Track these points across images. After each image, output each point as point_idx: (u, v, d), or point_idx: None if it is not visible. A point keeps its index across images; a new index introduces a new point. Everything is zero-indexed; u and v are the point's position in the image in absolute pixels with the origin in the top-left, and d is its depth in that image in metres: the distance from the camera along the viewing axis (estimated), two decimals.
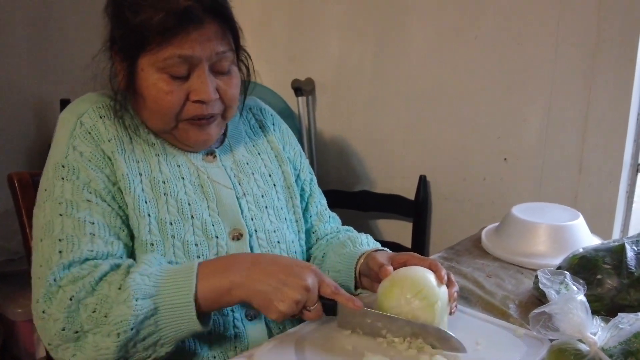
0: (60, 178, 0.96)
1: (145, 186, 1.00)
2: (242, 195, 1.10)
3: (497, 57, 1.93)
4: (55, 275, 0.88)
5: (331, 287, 0.91)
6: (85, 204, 0.94)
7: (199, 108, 0.99)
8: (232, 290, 0.88)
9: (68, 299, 0.85)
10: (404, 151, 2.25)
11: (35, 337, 1.87)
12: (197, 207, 1.03)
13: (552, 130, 1.84)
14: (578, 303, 0.81)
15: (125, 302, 0.83)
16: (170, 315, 0.86)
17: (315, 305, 0.90)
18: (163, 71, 0.96)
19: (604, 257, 1.03)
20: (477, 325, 0.98)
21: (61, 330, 0.85)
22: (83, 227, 0.92)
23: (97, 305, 0.85)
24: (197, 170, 1.07)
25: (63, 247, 0.90)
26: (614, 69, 1.68)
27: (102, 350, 0.84)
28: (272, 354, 0.86)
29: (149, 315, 0.85)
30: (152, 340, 0.86)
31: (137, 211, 0.98)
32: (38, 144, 2.28)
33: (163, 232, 0.99)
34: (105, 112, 1.03)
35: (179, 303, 0.86)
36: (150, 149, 1.04)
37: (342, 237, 1.22)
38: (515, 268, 1.26)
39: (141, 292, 0.85)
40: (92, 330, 0.85)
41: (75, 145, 0.98)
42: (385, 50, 2.24)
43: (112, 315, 0.83)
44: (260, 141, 1.21)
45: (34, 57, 2.24)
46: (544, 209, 1.38)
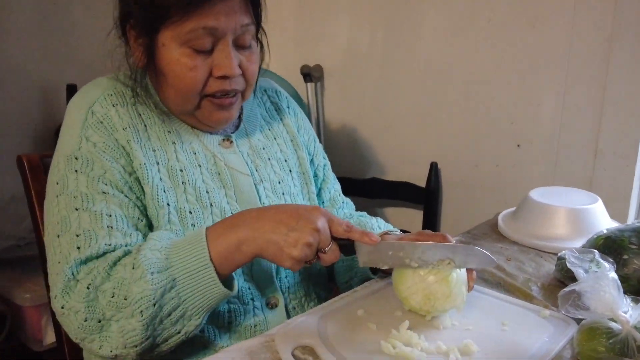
0: (74, 171, 0.93)
1: (163, 175, 0.97)
2: (259, 181, 1.08)
3: (511, 41, 1.90)
4: (73, 270, 0.86)
5: (342, 225, 0.87)
6: (101, 196, 0.92)
7: (223, 84, 0.96)
8: (241, 245, 0.85)
9: (85, 288, 0.84)
10: (415, 138, 2.23)
11: (43, 323, 1.86)
12: (216, 195, 1.01)
13: (567, 115, 1.82)
14: (610, 281, 0.79)
15: (141, 278, 0.82)
16: (190, 283, 0.84)
17: (330, 246, 0.86)
18: (186, 45, 0.93)
19: (629, 237, 1.01)
20: (500, 307, 0.96)
21: (84, 321, 0.83)
22: (100, 220, 0.90)
23: (114, 289, 0.83)
24: (214, 157, 1.04)
25: (81, 242, 0.88)
26: (630, 52, 1.66)
27: (129, 333, 0.82)
28: (293, 334, 0.83)
29: (168, 287, 0.83)
30: (179, 314, 0.84)
31: (156, 201, 0.95)
32: (44, 128, 2.26)
33: (183, 221, 0.96)
34: (118, 99, 0.99)
35: (196, 269, 0.84)
36: (166, 136, 1.01)
37: (354, 222, 1.21)
38: (534, 252, 1.24)
39: (154, 266, 0.83)
40: (115, 316, 0.83)
41: (88, 136, 0.95)
42: (395, 35, 2.21)
43: (131, 295, 0.82)
44: (276, 125, 1.19)
45: (41, 41, 2.22)
46: (561, 193, 1.37)
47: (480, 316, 0.91)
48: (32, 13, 2.19)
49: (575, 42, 1.76)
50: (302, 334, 0.83)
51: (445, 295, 0.87)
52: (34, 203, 1.18)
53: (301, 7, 2.51)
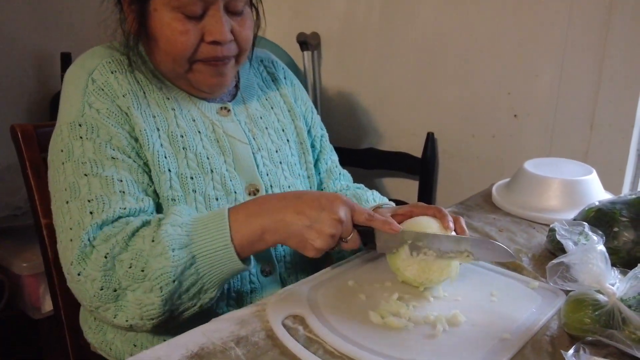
0: (79, 137, 0.92)
1: (164, 141, 0.97)
2: (257, 150, 1.08)
3: (509, 11, 1.88)
4: (89, 236, 0.85)
5: (364, 214, 0.88)
6: (110, 161, 0.91)
7: (214, 50, 0.96)
8: (265, 234, 0.86)
9: (103, 257, 0.83)
10: (411, 108, 2.22)
11: (41, 291, 1.87)
12: (216, 161, 1.01)
13: (564, 86, 1.81)
14: (598, 253, 0.80)
15: (162, 254, 0.81)
16: (210, 260, 0.84)
17: (352, 235, 0.87)
18: (177, 10, 0.92)
19: (620, 209, 1.01)
20: (490, 278, 0.97)
21: (99, 290, 0.83)
22: (112, 185, 0.89)
23: (132, 260, 0.83)
24: (212, 124, 1.04)
25: (93, 207, 0.87)
26: (629, 24, 1.64)
27: (147, 307, 0.83)
28: (284, 304, 0.85)
29: (188, 265, 0.83)
30: (196, 289, 0.85)
31: (157, 167, 0.95)
32: (39, 97, 2.25)
33: (184, 187, 0.97)
34: (116, 66, 0.99)
35: (217, 247, 0.84)
36: (165, 102, 1.01)
37: (349, 195, 1.21)
38: (527, 223, 1.25)
39: (176, 242, 0.83)
40: (131, 286, 0.83)
41: (91, 102, 0.94)
42: (392, 4, 2.18)
43: (150, 270, 0.82)
44: (273, 94, 1.18)
45: (35, 10, 2.19)
46: (556, 164, 1.36)
47: (470, 287, 0.92)
48: None
49: (574, 14, 1.74)
50: (293, 303, 0.85)
51: (441, 268, 0.88)
52: (28, 173, 1.17)
53: None
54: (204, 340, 0.77)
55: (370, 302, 0.86)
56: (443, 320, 0.80)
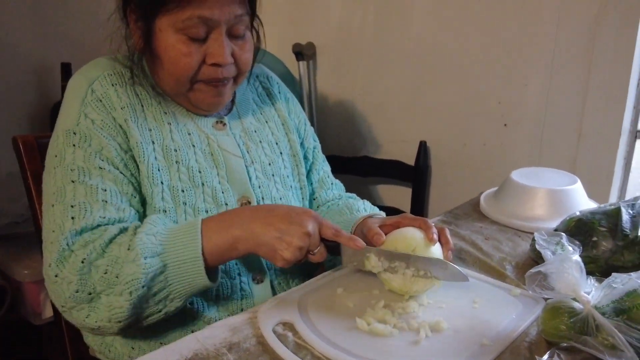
0: (72, 145, 0.97)
1: (158, 154, 1.02)
2: (250, 163, 1.12)
3: (499, 22, 1.92)
4: (68, 240, 0.89)
5: (331, 229, 0.93)
6: (97, 171, 0.96)
7: (215, 71, 1.00)
8: (236, 244, 0.91)
9: (80, 262, 0.87)
10: (405, 117, 2.26)
11: (42, 297, 1.91)
12: (208, 175, 1.05)
13: (552, 96, 1.85)
14: (573, 263, 0.84)
15: (134, 261, 0.86)
16: (179, 271, 0.89)
17: (319, 248, 0.93)
18: (181, 32, 0.97)
19: (600, 220, 1.05)
20: (474, 285, 1.00)
21: (75, 292, 0.87)
22: (95, 193, 0.94)
23: (108, 266, 0.87)
24: (208, 138, 1.08)
25: (75, 213, 0.91)
26: (615, 35, 1.68)
27: (115, 309, 0.87)
28: (275, 311, 0.88)
29: (158, 272, 0.87)
30: (163, 295, 0.89)
31: (151, 179, 0.99)
32: (40, 106, 2.28)
33: (175, 199, 1.01)
34: (117, 79, 1.03)
35: (187, 259, 0.88)
36: (162, 116, 1.05)
37: (341, 205, 1.25)
38: (513, 231, 1.28)
39: (148, 250, 0.87)
40: (105, 291, 0.87)
41: (87, 112, 0.98)
42: (386, 13, 2.22)
43: (122, 275, 0.86)
44: (268, 109, 1.23)
45: (35, 21, 2.23)
46: (542, 174, 1.40)
47: (454, 294, 0.96)
48: None
49: (562, 25, 1.78)
50: (284, 310, 0.89)
51: (426, 278, 0.92)
52: (29, 183, 1.21)
53: None
54: (197, 346, 0.80)
55: (357, 309, 0.90)
56: (426, 326, 0.84)
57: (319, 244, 0.93)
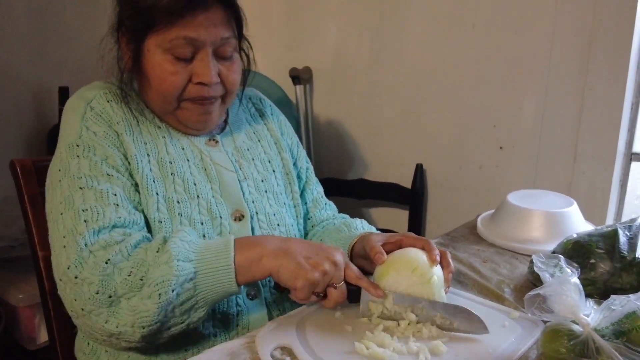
0: (76, 156, 0.98)
1: (153, 166, 1.03)
2: (243, 178, 1.13)
3: (494, 46, 1.94)
4: (86, 241, 0.89)
5: (355, 272, 0.94)
6: (105, 177, 0.97)
7: (201, 90, 1.03)
8: (262, 258, 0.90)
9: (104, 262, 0.86)
10: (401, 140, 2.27)
11: (37, 322, 1.89)
12: (202, 188, 1.06)
13: (547, 119, 1.87)
14: (572, 285, 0.83)
15: (167, 262, 0.85)
16: (209, 279, 0.88)
17: (341, 284, 0.92)
18: (168, 52, 1.00)
19: (597, 242, 1.05)
20: (473, 308, 0.99)
21: (95, 294, 0.85)
22: (106, 197, 0.94)
23: (132, 268, 0.86)
24: (201, 153, 1.10)
25: (88, 216, 0.91)
26: (609, 59, 1.70)
27: (142, 313, 0.85)
28: (273, 335, 0.88)
29: (188, 278, 0.87)
30: (189, 305, 0.89)
31: (146, 190, 1.00)
32: (37, 130, 2.29)
33: (171, 210, 1.02)
34: (112, 96, 1.06)
35: (220, 267, 0.89)
36: (157, 131, 1.08)
37: (338, 223, 1.26)
38: (510, 254, 1.28)
39: (182, 254, 0.87)
40: (126, 294, 0.86)
41: (88, 126, 1.01)
42: (382, 38, 2.25)
43: (150, 278, 0.85)
44: (260, 128, 1.24)
45: (34, 45, 2.25)
46: (538, 196, 1.40)
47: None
48: (25, 17, 2.22)
49: (556, 48, 1.81)
50: (281, 334, 0.88)
51: (428, 296, 0.92)
52: (26, 207, 1.20)
53: (290, 10, 2.54)
54: None
55: (356, 333, 0.89)
56: (426, 350, 0.84)
57: (342, 279, 0.93)
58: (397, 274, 0.94)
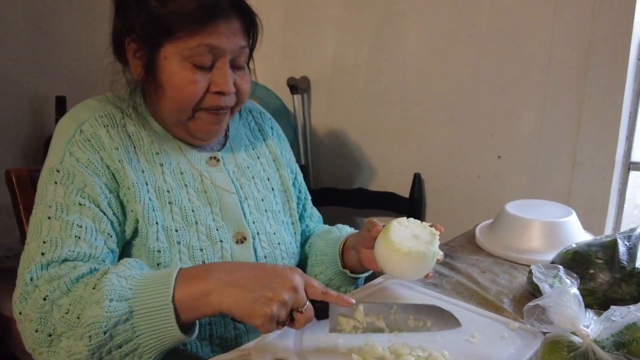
0: (54, 182, 0.95)
1: (152, 195, 1.01)
2: (244, 199, 1.12)
3: (492, 56, 1.94)
4: (32, 275, 0.85)
5: (319, 287, 0.86)
6: (76, 207, 0.94)
7: (217, 99, 1.01)
8: (208, 295, 0.82)
9: (42, 299, 0.82)
10: (399, 149, 2.27)
11: None
12: (201, 213, 1.04)
13: (545, 128, 1.86)
14: (571, 296, 0.83)
15: (98, 302, 0.80)
16: (148, 320, 0.81)
17: (307, 306, 0.84)
18: (188, 60, 0.97)
19: (596, 252, 1.04)
20: (471, 319, 0.99)
21: (34, 332, 0.82)
22: (70, 229, 0.91)
23: (70, 306, 0.81)
24: (201, 175, 1.08)
25: (46, 248, 0.88)
26: (607, 68, 1.70)
27: (74, 355, 0.80)
28: (269, 346, 0.87)
29: (123, 319, 0.80)
30: (130, 348, 0.81)
31: (147, 219, 0.98)
32: (33, 140, 2.28)
33: (169, 239, 0.99)
34: (109, 120, 1.02)
35: (156, 307, 0.81)
36: (153, 157, 1.04)
37: (326, 227, 1.29)
38: (509, 264, 1.27)
39: (116, 293, 0.81)
40: (66, 333, 0.81)
41: (72, 151, 0.97)
42: (380, 48, 2.25)
43: (84, 317, 0.80)
44: (259, 144, 1.23)
45: (31, 54, 2.25)
46: (537, 206, 1.40)
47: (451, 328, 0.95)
48: (22, 26, 2.22)
49: (554, 58, 1.81)
50: (277, 347, 0.87)
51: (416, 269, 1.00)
52: (21, 216, 1.20)
53: (288, 20, 2.54)
54: None
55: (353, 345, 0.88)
56: None
57: (305, 302, 0.84)
58: (398, 224, 1.02)
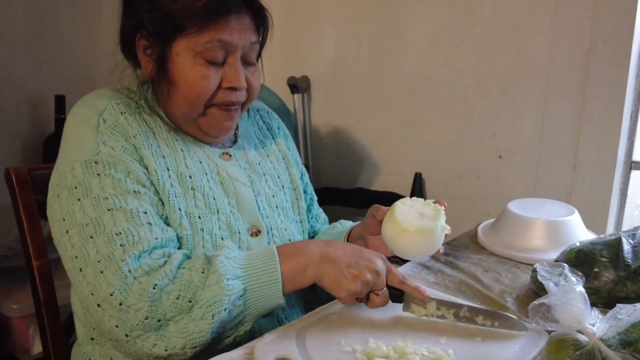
0: (96, 174, 0.93)
1: (174, 181, 1.00)
2: (257, 193, 1.12)
3: (492, 55, 1.94)
4: (130, 267, 0.87)
5: (399, 276, 0.94)
6: (131, 195, 0.93)
7: (229, 95, 1.01)
8: (307, 268, 0.91)
9: (151, 288, 0.85)
10: (400, 148, 2.26)
11: (30, 333, 1.86)
12: (221, 202, 1.04)
13: (547, 128, 1.86)
14: (577, 294, 0.82)
15: (217, 283, 0.85)
16: (259, 294, 0.89)
17: (383, 290, 0.93)
18: (200, 55, 0.97)
19: (600, 250, 1.04)
20: None
21: (144, 319, 0.85)
22: (137, 217, 0.91)
23: (180, 291, 0.86)
24: (217, 167, 1.08)
25: (123, 240, 0.88)
26: (608, 67, 1.70)
27: (193, 334, 0.85)
28: (272, 346, 0.86)
29: (239, 295, 0.87)
30: (238, 320, 0.89)
31: (169, 205, 0.98)
32: (33, 138, 2.28)
33: (193, 226, 0.99)
34: (125, 107, 1.01)
35: (267, 281, 0.89)
36: (174, 143, 1.04)
37: (331, 224, 1.31)
38: (512, 263, 1.27)
39: (230, 273, 0.87)
40: (175, 317, 0.85)
41: (105, 140, 0.96)
42: (380, 47, 2.24)
43: (203, 298, 0.85)
44: (269, 143, 1.23)
45: (30, 53, 2.24)
46: (539, 205, 1.39)
47: (455, 327, 0.94)
48: (21, 25, 2.21)
49: (555, 57, 1.80)
50: (281, 346, 0.86)
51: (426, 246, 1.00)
52: (21, 216, 1.19)
53: (288, 19, 2.54)
54: None
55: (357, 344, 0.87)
56: None
57: (384, 286, 0.93)
58: (402, 204, 1.01)
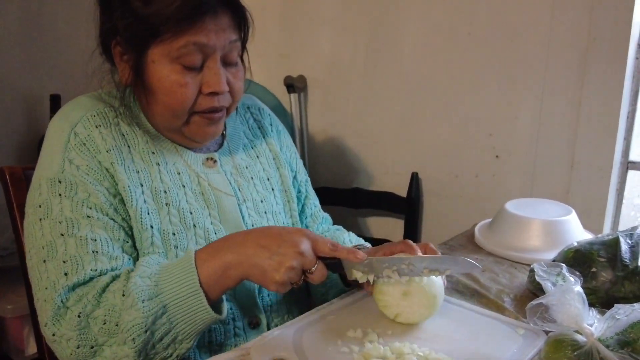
0: (58, 194, 0.93)
1: (147, 197, 0.98)
2: (242, 201, 1.09)
3: (489, 54, 1.94)
4: (62, 297, 0.87)
5: (327, 244, 0.89)
6: (85, 220, 0.92)
7: (211, 101, 0.97)
8: (227, 270, 0.87)
9: (76, 317, 0.85)
10: (396, 148, 2.26)
11: (25, 333, 1.85)
12: (199, 216, 1.02)
13: (544, 127, 1.86)
14: (575, 294, 0.82)
15: (132, 307, 0.83)
16: (181, 309, 0.85)
17: (316, 266, 0.88)
18: (177, 61, 0.93)
19: (598, 250, 1.03)
20: (473, 319, 0.98)
21: (76, 348, 0.85)
22: (85, 245, 0.90)
23: (106, 316, 0.85)
24: (198, 177, 1.05)
25: (68, 268, 0.88)
26: (605, 67, 1.70)
27: (123, 359, 0.84)
28: (268, 348, 0.85)
29: (159, 314, 0.84)
30: (170, 338, 0.86)
31: (140, 223, 0.96)
32: (27, 138, 2.27)
33: (166, 243, 0.97)
34: (101, 120, 0.98)
35: (186, 294, 0.85)
36: (149, 157, 1.01)
37: (328, 236, 1.23)
38: (509, 263, 1.27)
39: (145, 293, 0.84)
40: (107, 342, 0.85)
41: (71, 158, 0.94)
42: (377, 47, 2.24)
43: (123, 323, 0.83)
44: (259, 143, 1.20)
45: (25, 52, 2.23)
46: (536, 205, 1.39)
47: (453, 327, 0.94)
48: (15, 24, 2.20)
49: (552, 56, 1.80)
50: (278, 347, 0.85)
51: (423, 306, 0.91)
52: (15, 215, 1.18)
53: (284, 18, 2.53)
54: None
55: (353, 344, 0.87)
56: None
57: (315, 263, 0.88)
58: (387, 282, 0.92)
